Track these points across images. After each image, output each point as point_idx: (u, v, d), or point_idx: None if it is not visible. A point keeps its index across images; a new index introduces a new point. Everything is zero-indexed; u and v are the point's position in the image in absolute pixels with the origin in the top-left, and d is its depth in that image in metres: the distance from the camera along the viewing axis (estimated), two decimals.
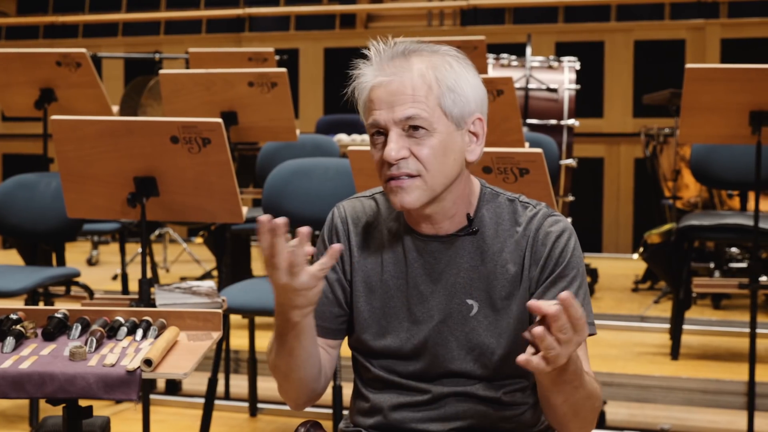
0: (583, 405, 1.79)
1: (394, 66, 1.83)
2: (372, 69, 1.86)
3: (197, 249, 7.62)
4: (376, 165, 1.87)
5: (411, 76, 1.82)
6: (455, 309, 1.89)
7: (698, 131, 4.04)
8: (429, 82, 1.82)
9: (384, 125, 1.83)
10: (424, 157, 1.82)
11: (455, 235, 1.90)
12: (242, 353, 4.70)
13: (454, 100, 1.83)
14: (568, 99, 5.83)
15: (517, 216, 1.91)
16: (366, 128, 1.89)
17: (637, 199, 7.69)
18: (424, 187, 1.83)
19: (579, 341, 1.60)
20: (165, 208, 3.28)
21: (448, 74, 1.83)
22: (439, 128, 1.82)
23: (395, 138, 1.82)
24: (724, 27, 7.65)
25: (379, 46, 1.86)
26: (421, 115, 1.81)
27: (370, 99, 1.85)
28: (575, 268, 1.87)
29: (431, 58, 1.84)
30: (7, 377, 1.99)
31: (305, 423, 1.98)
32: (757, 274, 3.99)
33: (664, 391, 4.32)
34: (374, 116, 1.84)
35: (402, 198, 1.83)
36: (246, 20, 9.02)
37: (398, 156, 1.81)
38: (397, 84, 1.82)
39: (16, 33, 9.74)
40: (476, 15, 8.49)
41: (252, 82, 4.29)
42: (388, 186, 1.85)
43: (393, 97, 1.81)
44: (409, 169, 1.82)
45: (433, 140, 1.82)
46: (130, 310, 2.31)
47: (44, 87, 4.70)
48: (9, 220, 4.33)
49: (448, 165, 1.84)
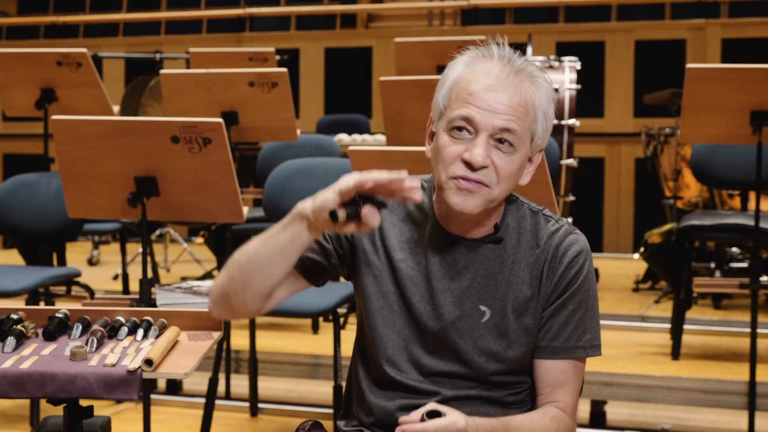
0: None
1: (504, 76, 1.84)
2: (474, 68, 1.86)
3: (198, 249, 7.62)
4: (442, 157, 1.84)
5: (521, 93, 1.83)
6: (467, 312, 1.90)
7: (699, 131, 4.04)
8: (532, 105, 1.85)
9: (478, 126, 1.82)
10: (502, 171, 1.83)
11: (480, 241, 1.91)
12: (243, 353, 4.70)
13: (543, 129, 1.88)
14: (568, 99, 5.82)
15: (539, 229, 1.93)
16: (441, 112, 1.88)
17: (637, 198, 7.69)
18: (489, 197, 1.84)
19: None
20: (166, 208, 3.28)
21: (546, 103, 1.87)
22: (522, 150, 1.85)
23: (484, 144, 1.82)
24: (725, 27, 7.65)
25: (501, 50, 1.87)
26: (517, 132, 1.83)
27: (470, 92, 1.84)
28: (586, 291, 1.91)
29: (536, 81, 1.86)
30: (7, 377, 1.99)
31: (306, 423, 1.98)
32: (757, 274, 3.99)
33: (664, 391, 4.32)
34: (470, 111, 1.82)
35: (465, 201, 1.83)
36: (246, 20, 9.02)
37: (484, 163, 1.82)
38: (508, 95, 1.83)
39: (17, 33, 9.75)
40: (477, 15, 8.49)
41: (253, 82, 4.29)
42: (455, 183, 1.83)
43: (498, 105, 1.82)
44: (487, 179, 1.83)
45: (515, 158, 1.85)
46: (131, 310, 2.31)
47: (45, 87, 4.70)
48: (10, 220, 4.33)
49: (513, 183, 1.88)
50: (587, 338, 1.92)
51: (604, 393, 4.29)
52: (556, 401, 1.90)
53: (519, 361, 1.91)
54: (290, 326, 5.27)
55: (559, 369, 1.91)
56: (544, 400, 1.91)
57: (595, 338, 1.93)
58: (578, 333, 1.91)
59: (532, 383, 1.95)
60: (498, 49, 1.88)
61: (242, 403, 4.34)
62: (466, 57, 1.90)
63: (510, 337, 1.89)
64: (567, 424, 1.89)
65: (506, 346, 1.89)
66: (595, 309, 1.94)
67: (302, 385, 4.60)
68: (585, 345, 1.92)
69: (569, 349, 1.91)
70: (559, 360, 1.91)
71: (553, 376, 1.91)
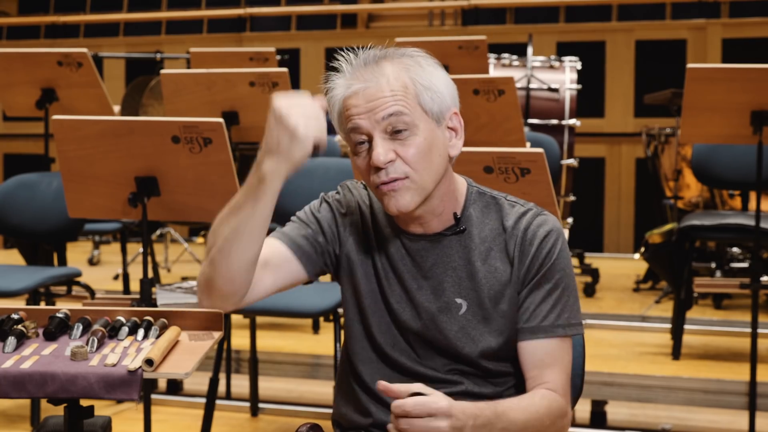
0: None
1: (367, 72, 1.83)
2: (344, 79, 1.85)
3: (198, 249, 7.62)
4: (363, 174, 1.86)
5: (387, 78, 1.82)
6: (444, 307, 1.90)
7: (699, 131, 4.04)
8: (404, 82, 1.83)
9: (367, 130, 1.82)
10: (410, 158, 1.82)
11: (442, 234, 1.91)
12: (243, 353, 4.70)
13: (432, 97, 1.84)
14: (569, 99, 5.83)
15: (504, 215, 1.92)
16: (345, 140, 1.89)
17: (638, 199, 7.69)
18: (414, 187, 1.83)
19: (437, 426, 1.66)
20: (166, 208, 3.28)
21: (421, 73, 1.84)
22: (421, 126, 1.83)
23: (380, 142, 1.81)
24: (726, 27, 7.65)
25: (348, 57, 1.86)
26: (403, 112, 1.81)
27: (346, 107, 1.84)
28: (561, 270, 1.89)
29: (401, 61, 1.85)
30: (8, 377, 1.99)
31: (304, 426, 1.97)
32: (758, 274, 3.99)
33: (665, 391, 4.32)
34: (354, 122, 1.83)
35: (396, 202, 1.83)
36: (247, 20, 9.02)
37: (387, 159, 1.81)
38: (374, 88, 1.82)
39: (18, 33, 9.75)
40: (477, 15, 8.49)
41: (253, 82, 4.29)
42: (380, 191, 1.84)
43: (372, 102, 1.81)
44: (398, 173, 1.82)
45: (418, 139, 1.82)
46: (132, 310, 2.31)
47: (45, 87, 4.70)
48: (10, 219, 4.33)
49: (435, 162, 1.85)
50: (566, 316, 1.88)
51: (605, 393, 4.29)
52: (545, 382, 1.86)
53: (504, 349, 1.89)
54: (291, 326, 5.27)
55: (542, 349, 1.87)
56: (533, 383, 1.87)
57: (574, 317, 1.89)
58: (556, 311, 1.88)
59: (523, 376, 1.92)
60: (344, 56, 1.86)
61: (243, 403, 4.34)
62: (336, 81, 1.87)
63: (491, 326, 1.89)
64: (558, 402, 1.85)
65: (488, 334, 1.89)
66: (572, 288, 1.91)
67: (303, 385, 4.60)
68: (564, 323, 1.88)
69: (548, 327, 1.87)
70: (540, 339, 1.87)
71: (537, 357, 1.87)
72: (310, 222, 1.95)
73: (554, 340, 1.88)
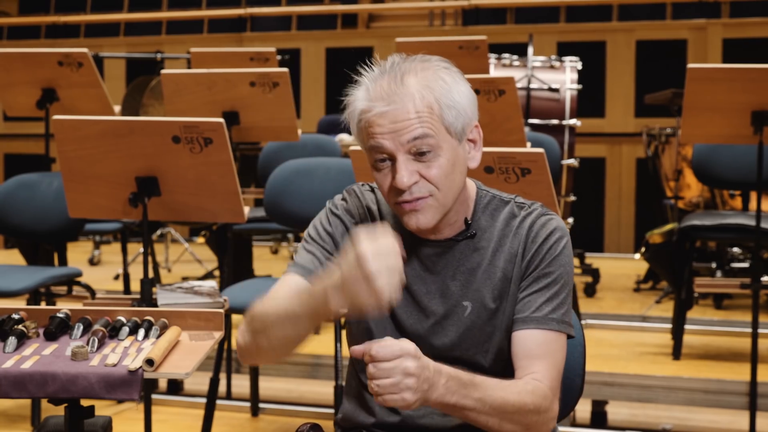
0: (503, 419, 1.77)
1: (391, 92, 1.80)
2: (367, 95, 1.82)
3: (199, 249, 7.62)
4: (382, 189, 1.85)
5: (412, 100, 1.79)
6: (451, 311, 1.90)
7: (700, 131, 4.04)
8: (429, 102, 1.80)
9: (390, 151, 1.80)
10: (434, 178, 1.81)
11: (454, 240, 1.91)
12: None
13: (455, 116, 1.82)
14: (569, 99, 5.83)
15: (512, 218, 1.92)
16: (366, 153, 1.87)
17: (638, 199, 7.69)
18: (436, 205, 1.83)
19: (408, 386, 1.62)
20: (167, 208, 3.28)
21: (446, 91, 1.82)
22: (445, 146, 1.82)
23: (404, 164, 1.80)
24: (726, 27, 7.65)
25: (372, 74, 1.83)
26: (428, 134, 1.79)
27: (369, 124, 1.81)
28: (561, 267, 1.88)
29: (425, 76, 1.82)
30: (8, 377, 1.99)
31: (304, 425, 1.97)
32: (758, 274, 3.99)
33: (665, 391, 4.32)
34: (377, 141, 1.81)
35: (418, 220, 1.83)
36: (248, 20, 9.02)
37: (410, 182, 1.80)
38: (400, 111, 1.79)
39: (18, 33, 9.75)
40: (478, 15, 8.49)
41: (254, 82, 4.29)
42: (401, 208, 1.83)
43: (396, 124, 1.79)
44: (421, 193, 1.81)
45: (441, 160, 1.81)
46: (132, 310, 2.31)
47: (46, 87, 4.70)
48: (11, 219, 4.33)
49: (456, 180, 1.85)
50: (561, 312, 1.86)
51: (605, 393, 4.29)
52: (533, 372, 1.83)
53: (507, 350, 1.88)
54: None
55: (532, 340, 1.85)
56: (521, 373, 1.84)
57: (568, 316, 1.88)
58: (551, 305, 1.86)
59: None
60: (386, 63, 1.84)
61: (243, 403, 4.34)
62: (361, 88, 1.84)
63: (494, 326, 1.89)
64: (544, 392, 1.81)
65: (491, 334, 1.89)
66: (569, 289, 1.89)
67: (303, 385, 4.60)
68: (558, 318, 1.85)
69: (541, 319, 1.85)
70: (532, 330, 1.85)
71: (527, 347, 1.85)
72: (325, 242, 1.93)
73: (546, 332, 1.85)
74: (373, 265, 1.57)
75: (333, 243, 1.93)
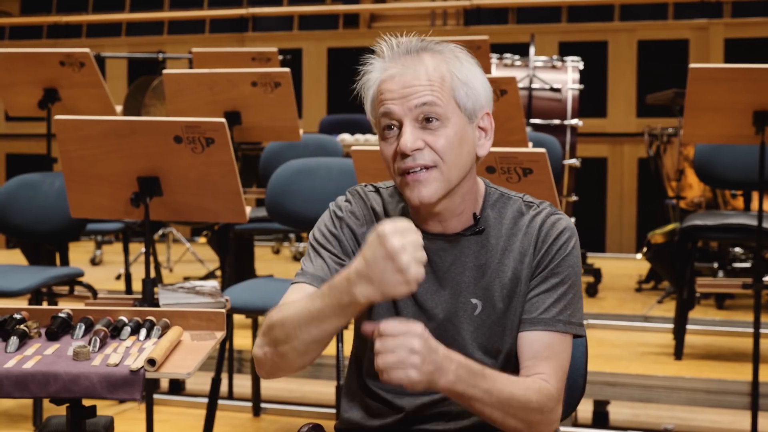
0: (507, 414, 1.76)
1: (406, 60, 1.83)
2: (382, 63, 1.85)
3: (200, 249, 7.62)
4: (387, 161, 1.85)
5: (425, 68, 1.82)
6: (460, 308, 1.89)
7: (702, 131, 4.03)
8: (442, 73, 1.82)
9: (398, 116, 1.81)
10: (439, 148, 1.81)
11: (461, 234, 1.90)
12: (245, 353, 4.70)
13: (467, 93, 1.84)
14: (571, 99, 5.83)
15: (521, 216, 1.91)
16: (375, 124, 1.88)
17: (640, 199, 7.69)
18: (440, 178, 1.82)
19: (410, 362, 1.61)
20: (168, 208, 3.28)
21: (460, 68, 1.84)
22: (453, 119, 1.82)
23: (410, 129, 1.80)
24: (728, 27, 7.65)
25: (390, 42, 1.86)
26: (436, 103, 1.80)
27: (381, 91, 1.83)
28: (570, 267, 1.88)
29: (442, 54, 1.85)
30: (10, 377, 1.99)
31: (305, 426, 1.97)
32: (760, 274, 3.99)
33: (667, 391, 4.32)
34: (386, 107, 1.82)
35: (420, 192, 1.82)
36: (249, 20, 9.02)
37: (414, 146, 1.80)
38: (411, 75, 1.81)
39: (20, 33, 9.76)
40: (479, 15, 8.49)
41: (255, 82, 4.29)
42: (404, 180, 1.83)
43: (407, 88, 1.81)
44: (425, 160, 1.81)
45: (448, 131, 1.82)
46: (134, 310, 2.31)
47: (48, 87, 4.71)
48: (13, 219, 4.33)
49: (463, 156, 1.84)
50: (568, 313, 1.86)
51: (607, 393, 4.29)
52: (539, 373, 1.82)
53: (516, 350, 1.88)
54: None
55: (539, 341, 1.85)
56: (527, 373, 1.84)
57: (576, 317, 1.87)
58: (559, 306, 1.86)
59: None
60: (386, 41, 1.86)
61: (245, 403, 4.34)
62: (375, 64, 1.86)
63: (504, 325, 1.88)
64: (549, 392, 1.80)
65: (502, 334, 1.88)
66: (578, 288, 1.89)
67: (305, 385, 4.60)
68: (565, 320, 1.85)
69: (549, 320, 1.85)
70: (539, 331, 1.85)
71: (534, 348, 1.84)
72: (333, 245, 1.91)
73: (553, 334, 1.85)
74: (396, 241, 1.58)
75: (340, 246, 1.91)
